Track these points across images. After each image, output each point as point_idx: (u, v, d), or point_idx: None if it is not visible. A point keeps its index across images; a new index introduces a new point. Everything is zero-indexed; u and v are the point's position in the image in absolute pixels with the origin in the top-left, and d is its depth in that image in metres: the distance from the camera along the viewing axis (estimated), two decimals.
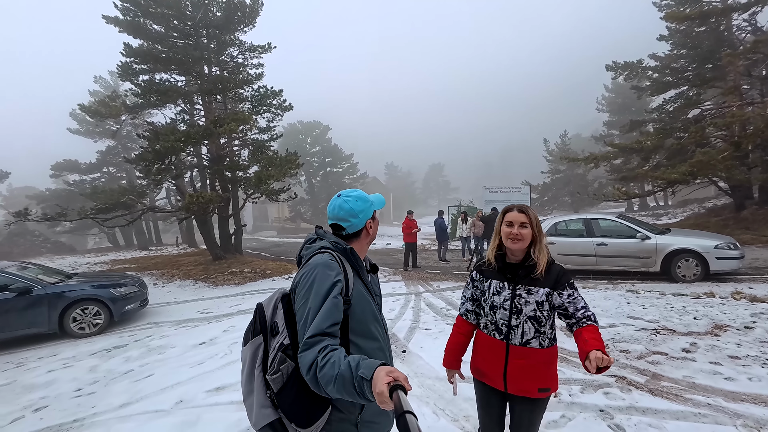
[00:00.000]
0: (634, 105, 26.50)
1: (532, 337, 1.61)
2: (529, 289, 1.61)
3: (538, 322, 1.60)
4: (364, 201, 1.39)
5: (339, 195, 1.40)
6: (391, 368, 0.95)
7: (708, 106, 14.41)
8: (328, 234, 1.39)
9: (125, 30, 12.78)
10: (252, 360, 1.24)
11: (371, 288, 1.39)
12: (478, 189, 21.63)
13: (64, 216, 12.05)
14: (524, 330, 1.61)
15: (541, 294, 1.60)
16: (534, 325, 1.60)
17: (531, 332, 1.61)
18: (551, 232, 8.18)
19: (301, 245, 1.40)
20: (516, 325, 1.62)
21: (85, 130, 27.54)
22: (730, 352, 3.53)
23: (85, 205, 13.52)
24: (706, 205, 19.83)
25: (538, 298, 1.60)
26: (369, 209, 1.40)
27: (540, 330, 1.61)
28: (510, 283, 1.66)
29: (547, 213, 29.44)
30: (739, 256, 6.58)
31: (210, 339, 5.44)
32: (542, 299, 1.60)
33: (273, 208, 43.96)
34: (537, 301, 1.60)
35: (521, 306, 1.61)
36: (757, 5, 12.29)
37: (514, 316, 1.63)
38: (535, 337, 1.60)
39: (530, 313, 1.60)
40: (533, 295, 1.60)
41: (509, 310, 1.64)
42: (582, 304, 1.58)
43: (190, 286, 10.54)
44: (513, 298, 1.63)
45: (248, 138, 14.36)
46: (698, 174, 10.45)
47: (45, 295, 6.08)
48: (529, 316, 1.60)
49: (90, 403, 3.73)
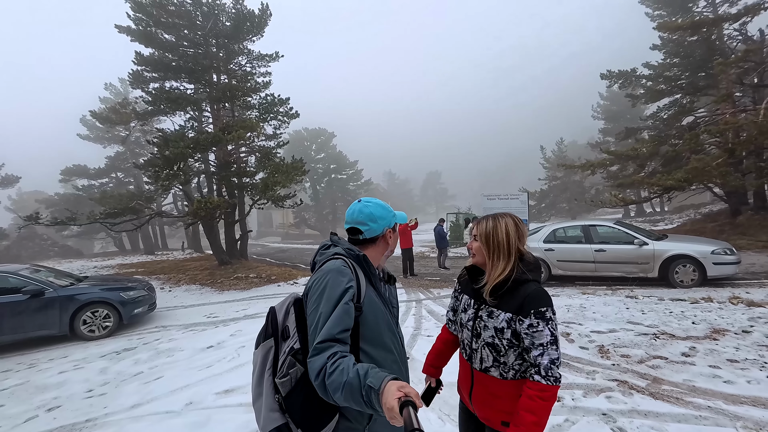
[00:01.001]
0: (629, 112, 26.65)
1: (491, 366, 1.41)
2: (491, 312, 1.41)
3: (496, 351, 1.39)
4: (384, 209, 1.41)
5: (359, 200, 1.43)
6: (402, 383, 0.94)
7: (702, 114, 14.55)
8: (343, 240, 1.39)
9: (137, 39, 13.10)
10: (262, 363, 1.25)
11: (385, 297, 1.37)
12: (476, 196, 21.67)
13: (74, 220, 12.25)
14: (482, 356, 1.43)
15: (501, 319, 1.37)
16: (491, 353, 1.40)
17: (489, 360, 1.41)
18: (550, 239, 8.24)
19: (315, 251, 1.42)
20: (475, 348, 1.46)
21: (94, 136, 28.07)
22: (729, 356, 3.57)
23: (94, 210, 13.76)
24: (702, 211, 19.85)
25: (497, 324, 1.37)
26: (389, 218, 1.42)
27: (499, 360, 1.39)
28: (476, 302, 1.50)
29: (545, 219, 29.40)
30: (736, 262, 6.61)
31: (218, 343, 5.52)
32: (502, 326, 1.36)
33: (277, 214, 44.27)
34: (495, 327, 1.38)
35: (480, 329, 1.43)
36: (747, 15, 12.42)
37: (474, 339, 1.46)
38: (494, 366, 1.40)
39: (488, 339, 1.40)
40: (493, 319, 1.39)
41: (471, 332, 1.48)
42: (542, 341, 1.28)
43: (197, 291, 10.66)
44: (475, 319, 1.47)
45: (255, 145, 14.59)
46: (694, 180, 10.52)
47: (57, 298, 6.21)
48: (487, 342, 1.40)
49: (102, 403, 3.82)
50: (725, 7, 14.33)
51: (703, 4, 15.30)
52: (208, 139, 11.78)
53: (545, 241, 8.22)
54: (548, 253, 8.05)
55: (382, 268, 1.46)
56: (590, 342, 4.19)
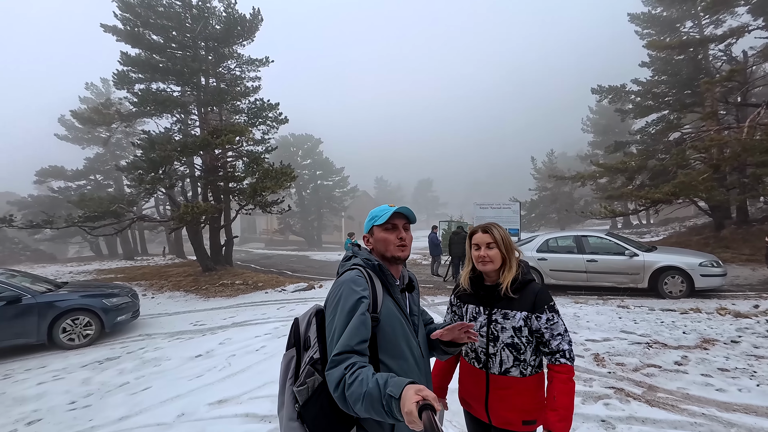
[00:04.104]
0: (618, 127, 27.47)
1: (512, 366, 1.49)
2: (506, 314, 1.51)
3: (516, 350, 1.49)
4: (369, 215, 1.40)
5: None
6: (420, 387, 0.92)
7: (688, 130, 15.13)
8: (363, 251, 1.38)
9: (123, 39, 12.81)
10: (284, 372, 1.26)
11: (403, 306, 1.34)
12: (467, 205, 21.93)
13: (51, 223, 11.75)
14: (502, 358, 1.50)
15: (518, 319, 1.49)
16: (512, 353, 1.49)
17: (510, 361, 1.49)
18: (543, 249, 8.36)
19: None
20: (494, 353, 1.52)
21: (73, 136, 27.11)
22: (720, 365, 3.69)
23: (71, 213, 13.25)
24: (687, 224, 20.53)
25: (515, 324, 1.49)
26: (367, 225, 1.40)
27: (519, 358, 1.49)
28: (486, 308, 1.57)
29: (535, 229, 29.93)
30: (722, 274, 6.84)
31: (206, 351, 5.37)
32: (519, 324, 1.49)
33: (262, 219, 43.59)
34: (514, 327, 1.49)
35: (497, 332, 1.51)
36: (731, 37, 13.12)
37: (491, 344, 1.53)
38: (514, 365, 1.49)
39: (507, 341, 1.49)
40: (510, 320, 1.50)
41: (486, 337, 1.54)
42: (560, 331, 1.47)
43: (181, 298, 10.36)
44: (489, 324, 1.54)
45: (243, 149, 14.40)
46: (680, 194, 10.88)
47: (35, 305, 5.93)
48: (507, 344, 1.49)
49: (87, 416, 3.65)
50: (711, 28, 15.05)
51: (690, 24, 16.03)
52: (196, 143, 11.57)
53: (538, 250, 8.34)
54: (541, 263, 8.17)
55: (404, 275, 1.43)
56: (585, 350, 4.27)
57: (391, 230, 1.34)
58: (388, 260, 1.34)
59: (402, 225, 1.36)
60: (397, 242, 1.33)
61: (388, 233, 1.33)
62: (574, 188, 25.09)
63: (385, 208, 1.37)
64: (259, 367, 4.50)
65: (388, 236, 1.33)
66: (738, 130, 11.64)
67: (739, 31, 12.82)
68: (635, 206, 13.40)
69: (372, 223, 1.36)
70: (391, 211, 1.33)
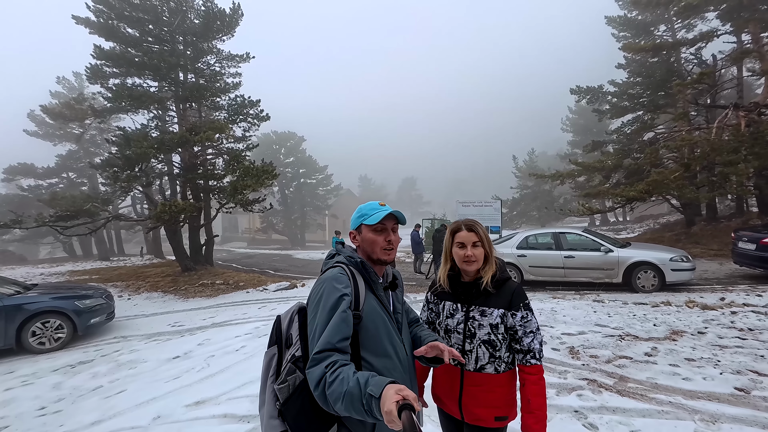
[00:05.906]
0: (596, 126, 28.18)
1: (487, 363, 1.51)
2: (483, 311, 1.52)
3: (492, 347, 1.50)
4: (355, 212, 1.38)
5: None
6: (400, 386, 0.92)
7: (661, 130, 15.70)
8: (347, 248, 1.38)
9: (97, 32, 12.37)
10: (266, 370, 1.25)
11: (386, 303, 1.34)
12: (450, 203, 22.14)
13: (19, 223, 11.26)
14: (478, 355, 1.51)
15: (495, 315, 1.50)
16: (488, 349, 1.50)
17: (485, 357, 1.50)
18: (522, 246, 8.53)
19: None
20: (470, 350, 1.52)
21: (44, 132, 25.94)
22: (687, 355, 3.85)
23: (42, 212, 12.72)
24: (660, 221, 21.34)
25: (492, 321, 1.50)
26: (355, 221, 1.38)
27: (495, 355, 1.50)
28: (463, 305, 1.57)
29: (516, 227, 30.47)
30: (692, 268, 7.13)
31: (184, 353, 5.26)
32: (497, 321, 1.50)
33: (243, 218, 42.87)
34: (491, 324, 1.50)
35: (474, 329, 1.52)
36: (702, 41, 13.69)
37: (467, 341, 1.53)
38: (489, 362, 1.50)
39: (484, 337, 1.50)
40: (487, 317, 1.51)
41: (462, 334, 1.54)
42: (532, 329, 1.49)
43: (159, 299, 10.11)
44: (466, 321, 1.54)
45: (223, 147, 14.13)
46: (653, 192, 11.27)
47: (1, 308, 5.67)
48: (483, 341, 1.50)
49: (57, 421, 3.53)
50: (683, 32, 15.72)
51: (663, 28, 16.68)
52: (173, 140, 11.28)
53: (518, 247, 8.49)
54: (521, 259, 8.32)
55: (388, 273, 1.44)
56: (561, 344, 4.38)
57: (380, 232, 1.32)
58: (373, 261, 1.34)
59: (391, 227, 1.35)
60: (385, 245, 1.32)
61: (377, 234, 1.32)
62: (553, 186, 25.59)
63: (374, 206, 1.35)
64: (239, 367, 4.44)
65: (376, 238, 1.31)
66: (707, 130, 12.13)
67: (709, 36, 13.38)
68: (612, 204, 13.80)
69: (361, 221, 1.34)
70: (383, 213, 1.31)
